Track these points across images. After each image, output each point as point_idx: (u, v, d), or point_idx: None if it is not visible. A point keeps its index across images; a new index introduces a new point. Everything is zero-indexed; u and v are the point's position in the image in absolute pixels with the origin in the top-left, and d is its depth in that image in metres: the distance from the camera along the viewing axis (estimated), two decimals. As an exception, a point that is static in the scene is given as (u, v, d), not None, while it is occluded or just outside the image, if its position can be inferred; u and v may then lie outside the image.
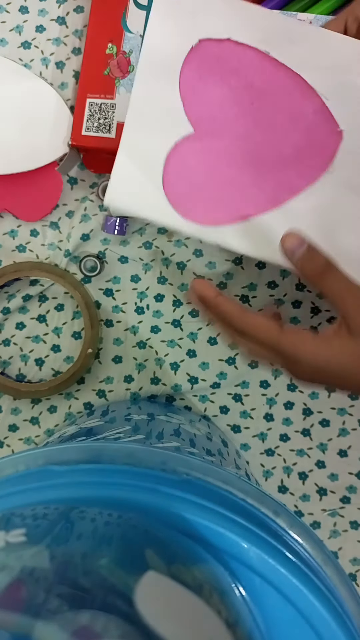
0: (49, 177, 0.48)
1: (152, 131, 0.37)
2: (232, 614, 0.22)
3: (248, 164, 0.37)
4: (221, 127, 0.37)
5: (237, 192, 0.38)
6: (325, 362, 0.33)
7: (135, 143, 0.37)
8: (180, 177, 0.38)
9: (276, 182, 0.37)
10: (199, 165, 0.38)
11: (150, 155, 0.37)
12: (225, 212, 0.38)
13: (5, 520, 0.23)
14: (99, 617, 0.19)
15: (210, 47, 0.36)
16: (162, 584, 0.21)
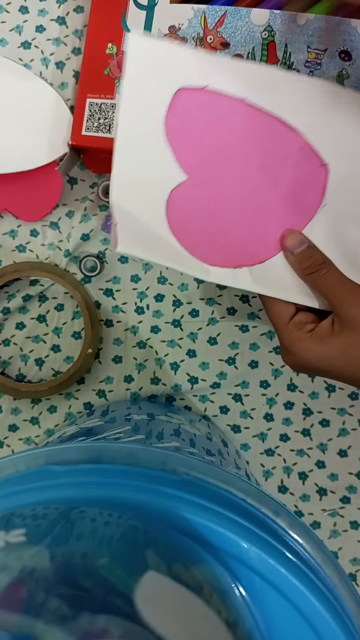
0: (49, 177, 0.48)
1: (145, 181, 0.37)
2: (232, 614, 0.22)
3: (247, 208, 0.38)
4: (214, 173, 0.37)
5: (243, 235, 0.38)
6: (316, 359, 0.36)
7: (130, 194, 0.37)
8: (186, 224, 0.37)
9: (278, 223, 0.38)
10: (200, 211, 0.37)
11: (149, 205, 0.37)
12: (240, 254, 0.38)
13: (5, 520, 0.23)
14: (99, 618, 0.19)
15: (190, 95, 0.37)
16: (162, 584, 0.21)
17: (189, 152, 0.37)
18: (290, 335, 0.37)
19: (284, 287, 0.38)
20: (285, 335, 0.37)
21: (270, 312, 0.38)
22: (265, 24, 0.43)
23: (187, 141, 0.37)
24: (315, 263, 0.36)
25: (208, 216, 0.38)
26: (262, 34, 0.43)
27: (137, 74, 0.35)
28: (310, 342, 0.36)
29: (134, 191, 0.36)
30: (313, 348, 0.36)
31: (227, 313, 0.51)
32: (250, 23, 0.43)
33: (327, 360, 0.35)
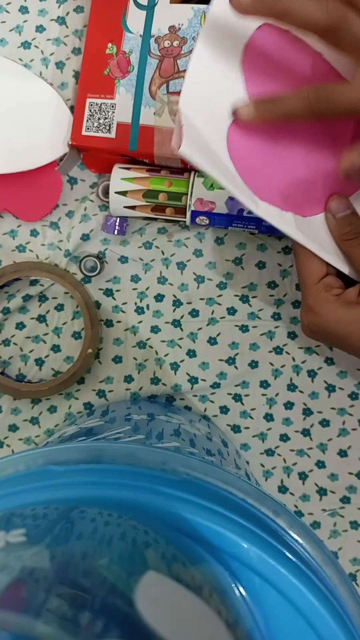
0: (49, 177, 0.48)
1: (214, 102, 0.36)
2: (232, 614, 0.22)
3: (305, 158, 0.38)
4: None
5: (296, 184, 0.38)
6: (335, 322, 0.37)
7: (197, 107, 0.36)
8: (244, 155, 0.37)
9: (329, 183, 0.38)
10: (259, 148, 0.37)
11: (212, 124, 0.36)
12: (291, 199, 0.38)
13: (5, 520, 0.23)
14: (99, 618, 0.19)
15: (272, 33, 0.37)
16: (162, 584, 0.21)
17: (261, 88, 0.37)
18: (317, 295, 0.37)
19: (322, 245, 0.38)
20: (312, 294, 0.38)
21: (301, 268, 0.38)
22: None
23: (260, 77, 0.37)
24: (355, 230, 0.37)
25: (265, 155, 0.38)
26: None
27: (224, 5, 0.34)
28: (335, 304, 0.37)
29: (201, 106, 0.36)
30: (336, 311, 0.37)
31: (227, 313, 0.51)
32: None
33: (346, 325, 0.36)
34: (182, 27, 0.45)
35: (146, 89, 0.45)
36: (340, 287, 0.38)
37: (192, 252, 0.50)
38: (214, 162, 0.35)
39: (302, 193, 0.38)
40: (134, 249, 0.51)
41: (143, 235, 0.50)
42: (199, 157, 0.34)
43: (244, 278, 0.50)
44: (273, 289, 0.50)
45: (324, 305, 0.37)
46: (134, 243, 0.50)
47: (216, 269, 0.50)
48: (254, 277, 0.50)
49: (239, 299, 0.51)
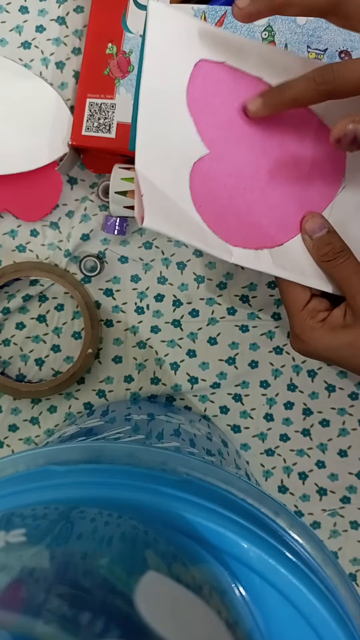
0: (49, 177, 0.48)
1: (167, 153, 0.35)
2: (232, 614, 0.22)
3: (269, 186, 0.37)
4: (235, 148, 0.37)
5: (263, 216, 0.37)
6: (325, 349, 0.36)
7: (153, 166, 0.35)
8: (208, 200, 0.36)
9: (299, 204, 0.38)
10: (221, 188, 0.37)
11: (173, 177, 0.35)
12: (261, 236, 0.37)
13: (5, 520, 0.23)
14: (99, 617, 0.19)
15: (210, 68, 0.36)
16: (162, 584, 0.21)
17: (210, 126, 0.36)
18: (302, 323, 0.37)
19: (301, 270, 0.37)
20: (297, 323, 0.37)
21: (285, 297, 0.38)
22: (265, 24, 0.43)
23: (208, 114, 0.36)
24: (334, 251, 0.36)
25: (229, 193, 0.37)
26: (262, 34, 0.43)
27: (158, 44, 0.34)
28: (321, 332, 0.36)
29: (157, 162, 0.35)
30: (323, 338, 0.36)
31: (227, 313, 0.51)
32: (250, 23, 0.43)
33: (335, 350, 0.36)
34: (182, 27, 0.45)
35: (146, 89, 0.45)
36: (325, 309, 0.37)
37: (192, 252, 0.50)
38: (181, 222, 0.34)
39: (274, 222, 0.37)
40: (134, 249, 0.51)
41: (143, 235, 0.50)
42: (164, 225, 0.33)
43: (244, 278, 0.50)
44: (273, 289, 0.50)
45: (310, 334, 0.36)
46: (134, 243, 0.51)
47: (216, 269, 0.50)
48: (254, 277, 0.50)
49: (239, 299, 0.51)
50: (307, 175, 0.37)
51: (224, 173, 0.37)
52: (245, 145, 0.37)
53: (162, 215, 0.33)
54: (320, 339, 0.36)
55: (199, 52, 0.36)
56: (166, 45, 0.35)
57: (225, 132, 0.37)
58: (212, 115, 0.36)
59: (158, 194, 0.34)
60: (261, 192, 0.37)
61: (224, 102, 0.36)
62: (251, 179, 0.37)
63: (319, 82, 0.33)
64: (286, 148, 0.37)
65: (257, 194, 0.37)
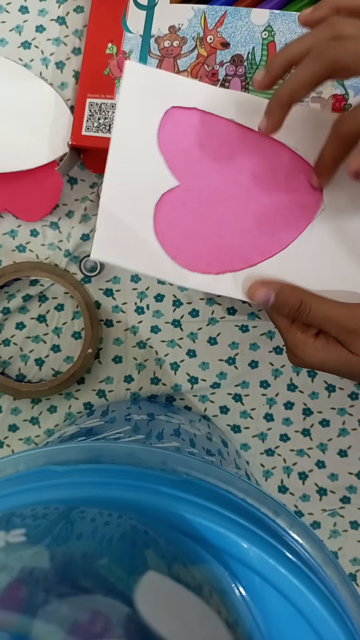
0: (49, 177, 0.48)
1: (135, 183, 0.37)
2: (232, 614, 0.22)
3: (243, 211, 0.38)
4: (207, 180, 0.38)
5: (236, 238, 0.38)
6: (320, 363, 0.36)
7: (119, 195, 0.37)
8: (173, 227, 0.38)
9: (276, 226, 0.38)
10: (191, 214, 0.38)
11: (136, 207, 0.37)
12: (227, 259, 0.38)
13: (5, 520, 0.23)
14: (99, 617, 0.19)
15: (180, 113, 0.38)
16: (162, 584, 0.21)
17: (181, 162, 0.38)
18: (294, 338, 0.36)
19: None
20: (290, 338, 0.36)
21: (272, 314, 0.38)
22: (265, 24, 0.43)
23: (178, 152, 0.38)
24: (294, 308, 0.35)
25: (199, 219, 0.38)
26: (262, 34, 0.43)
27: (132, 95, 0.37)
28: (314, 347, 0.35)
29: (124, 195, 0.37)
30: (316, 354, 0.35)
31: (227, 313, 0.51)
32: (250, 23, 0.43)
33: (332, 365, 0.35)
34: (182, 27, 0.45)
35: (146, 89, 0.45)
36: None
37: (192, 252, 0.50)
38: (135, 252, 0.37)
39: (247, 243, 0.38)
40: (134, 249, 0.51)
41: (143, 235, 0.50)
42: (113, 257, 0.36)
43: (244, 278, 0.50)
44: (273, 289, 0.50)
45: (304, 350, 0.36)
46: (134, 243, 0.51)
47: (216, 269, 0.50)
48: (254, 277, 0.50)
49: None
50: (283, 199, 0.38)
51: (194, 200, 0.38)
52: (217, 176, 0.38)
53: (113, 247, 0.36)
54: (314, 354, 0.35)
55: (170, 100, 0.38)
56: (139, 96, 0.37)
57: (196, 167, 0.38)
58: (183, 153, 0.38)
59: (115, 225, 0.37)
60: (235, 216, 0.38)
61: (195, 142, 0.38)
62: (223, 204, 0.38)
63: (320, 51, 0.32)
64: (260, 177, 0.38)
65: (230, 217, 0.38)
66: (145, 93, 0.38)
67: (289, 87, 0.33)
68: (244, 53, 0.44)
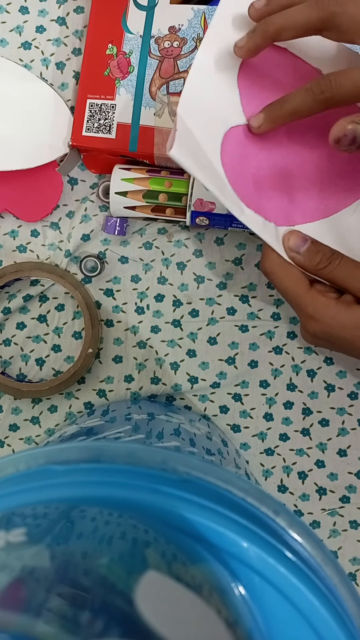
0: (50, 177, 0.48)
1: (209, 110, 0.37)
2: (232, 614, 0.22)
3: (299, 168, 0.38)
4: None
5: (286, 194, 0.38)
6: (340, 326, 0.35)
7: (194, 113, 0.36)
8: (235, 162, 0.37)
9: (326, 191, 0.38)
10: (251, 158, 0.37)
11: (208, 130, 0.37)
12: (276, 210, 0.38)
13: (5, 519, 0.23)
14: (99, 617, 0.19)
15: (270, 51, 0.37)
16: (163, 584, 0.21)
17: (256, 101, 0.37)
18: (314, 301, 0.35)
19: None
20: (309, 302, 0.36)
21: (286, 282, 0.37)
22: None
23: (255, 90, 0.37)
24: (326, 256, 0.35)
25: (257, 165, 0.37)
26: (262, 35, 0.43)
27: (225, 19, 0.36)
28: (337, 308, 0.35)
29: (197, 113, 0.36)
30: (340, 315, 0.35)
31: (227, 313, 0.51)
32: (250, 23, 0.43)
33: (352, 329, 0.35)
34: (182, 28, 0.45)
35: (146, 89, 0.45)
36: (332, 289, 0.37)
37: (192, 252, 0.50)
38: (204, 166, 0.35)
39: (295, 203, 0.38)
40: (134, 249, 0.51)
41: (143, 235, 0.50)
42: (187, 161, 0.34)
43: (244, 278, 0.50)
44: (273, 289, 0.50)
45: (325, 311, 0.35)
46: (134, 243, 0.51)
47: (216, 269, 0.50)
48: (253, 277, 0.50)
49: (239, 299, 0.51)
50: (339, 168, 0.38)
51: (256, 146, 0.37)
52: (284, 127, 0.37)
53: (190, 152, 0.35)
54: (337, 315, 0.35)
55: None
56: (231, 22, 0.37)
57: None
58: (260, 92, 0.37)
59: (190, 136, 0.35)
60: (288, 174, 0.38)
61: (275, 83, 0.37)
62: (282, 159, 0.38)
63: (317, 92, 0.34)
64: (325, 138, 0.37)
65: (284, 174, 0.38)
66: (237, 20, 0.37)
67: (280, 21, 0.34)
68: (243, 53, 0.44)
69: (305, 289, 0.36)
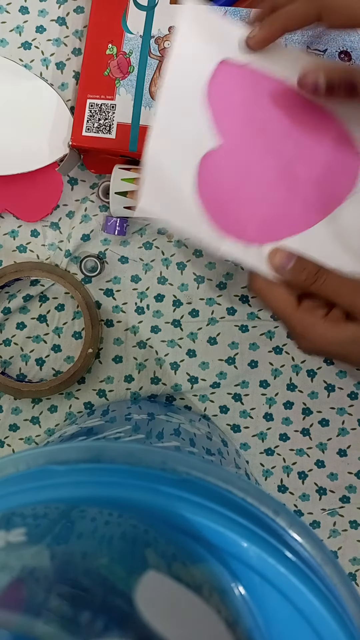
0: (50, 177, 0.48)
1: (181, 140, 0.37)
2: (232, 613, 0.22)
3: (278, 182, 0.37)
4: (250, 143, 0.37)
5: (268, 210, 0.38)
6: (330, 344, 0.35)
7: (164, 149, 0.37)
8: (211, 190, 0.37)
9: (307, 203, 0.38)
10: (228, 180, 0.37)
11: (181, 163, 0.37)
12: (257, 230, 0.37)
13: (5, 519, 0.23)
14: (99, 617, 0.19)
15: (232, 69, 0.37)
16: (162, 584, 0.21)
17: (227, 120, 0.37)
18: (302, 321, 0.35)
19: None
20: (297, 322, 0.36)
21: (274, 304, 0.37)
22: (265, 24, 0.43)
23: (225, 109, 0.37)
24: (311, 273, 0.35)
25: (235, 185, 0.37)
26: (262, 35, 0.43)
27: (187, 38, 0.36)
28: (324, 327, 0.35)
29: (169, 148, 0.36)
30: (327, 334, 0.35)
31: (227, 313, 0.51)
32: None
33: (341, 346, 0.35)
34: (182, 28, 0.45)
35: (146, 89, 0.45)
36: (321, 305, 0.36)
37: (192, 252, 0.50)
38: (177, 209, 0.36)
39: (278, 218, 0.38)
40: (134, 249, 0.51)
41: (143, 235, 0.50)
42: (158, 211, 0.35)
43: (244, 278, 0.50)
44: (273, 289, 0.50)
45: (313, 330, 0.35)
46: (134, 243, 0.51)
47: (216, 269, 0.50)
48: (253, 277, 0.50)
49: (239, 299, 0.51)
50: (318, 176, 0.38)
51: (233, 166, 0.37)
52: (260, 141, 0.37)
53: (158, 200, 0.35)
54: (325, 334, 0.35)
55: (224, 51, 0.37)
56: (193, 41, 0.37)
57: (241, 128, 0.37)
58: (230, 111, 0.37)
59: (161, 178, 0.36)
60: (269, 188, 0.38)
61: (244, 100, 0.37)
62: (261, 174, 0.38)
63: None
64: (303, 148, 0.37)
65: (264, 189, 0.38)
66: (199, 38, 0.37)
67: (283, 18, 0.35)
68: (243, 53, 0.44)
69: (292, 308, 0.36)
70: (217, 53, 0.37)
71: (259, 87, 0.37)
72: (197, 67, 0.37)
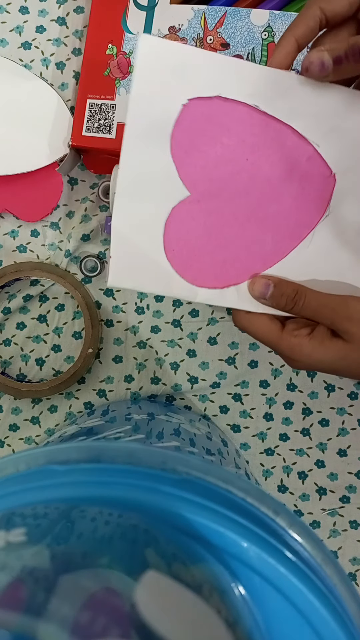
0: (50, 177, 0.48)
1: (146, 201, 0.36)
2: (232, 614, 0.22)
3: (249, 221, 0.37)
4: (218, 187, 0.37)
5: (241, 250, 0.37)
6: (319, 362, 0.35)
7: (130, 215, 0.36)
8: (182, 243, 0.37)
9: (278, 234, 0.37)
10: (199, 228, 0.37)
11: (147, 226, 0.36)
12: (232, 272, 0.37)
13: (5, 519, 0.23)
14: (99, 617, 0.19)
15: (199, 106, 0.35)
16: (162, 584, 0.21)
17: (194, 167, 0.36)
18: (289, 344, 0.36)
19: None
20: (285, 346, 0.36)
21: (259, 334, 0.37)
22: (265, 24, 0.43)
23: (193, 156, 0.36)
24: (290, 298, 0.36)
25: (207, 232, 0.37)
26: (262, 35, 0.43)
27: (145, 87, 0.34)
28: (310, 347, 0.35)
29: (134, 211, 0.36)
30: (314, 353, 0.35)
31: (227, 313, 0.51)
32: (250, 23, 0.43)
33: (329, 364, 0.35)
34: (182, 28, 0.45)
35: (146, 89, 0.45)
36: (305, 325, 0.37)
37: (192, 252, 0.50)
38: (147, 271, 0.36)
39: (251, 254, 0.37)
40: (134, 249, 0.51)
41: (143, 235, 0.50)
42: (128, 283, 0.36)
43: (244, 278, 0.50)
44: (273, 289, 0.50)
45: (301, 352, 0.36)
46: (134, 243, 0.51)
47: (216, 269, 0.50)
48: (254, 277, 0.50)
49: (239, 299, 0.51)
50: (290, 206, 0.37)
51: (204, 213, 0.37)
52: (230, 182, 0.36)
53: (127, 274, 0.36)
54: (312, 354, 0.35)
55: (189, 88, 0.35)
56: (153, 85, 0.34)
57: (210, 170, 0.36)
58: (197, 156, 0.36)
59: (127, 249, 0.36)
60: (241, 227, 0.37)
61: (212, 139, 0.36)
62: (232, 215, 0.37)
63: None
64: (273, 181, 0.37)
65: (236, 229, 0.37)
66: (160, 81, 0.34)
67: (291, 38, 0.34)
68: (243, 54, 0.44)
69: (277, 335, 0.36)
70: (180, 93, 0.35)
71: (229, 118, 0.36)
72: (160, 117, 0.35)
